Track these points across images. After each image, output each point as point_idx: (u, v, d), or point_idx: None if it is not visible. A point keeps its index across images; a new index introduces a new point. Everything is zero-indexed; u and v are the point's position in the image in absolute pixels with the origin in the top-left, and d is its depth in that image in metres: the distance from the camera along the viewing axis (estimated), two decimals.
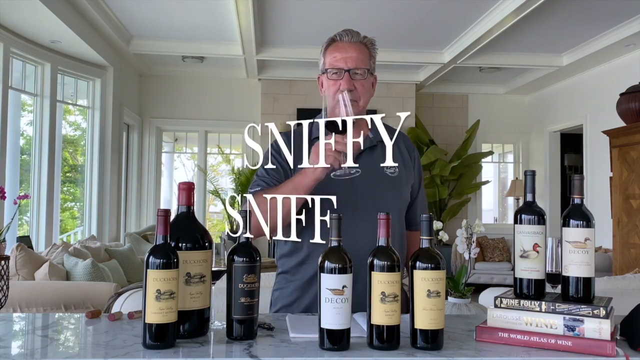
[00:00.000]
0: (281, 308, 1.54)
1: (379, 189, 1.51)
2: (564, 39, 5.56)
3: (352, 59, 1.51)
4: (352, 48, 1.52)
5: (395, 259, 1.08)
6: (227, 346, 1.10)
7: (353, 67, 1.50)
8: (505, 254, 6.86)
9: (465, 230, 2.70)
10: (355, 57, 1.51)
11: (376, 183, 1.52)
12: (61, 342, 1.13)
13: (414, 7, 4.81)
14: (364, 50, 1.54)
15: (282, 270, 1.57)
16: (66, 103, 5.82)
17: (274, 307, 1.57)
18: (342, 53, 1.52)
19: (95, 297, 3.41)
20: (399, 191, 1.56)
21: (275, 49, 6.04)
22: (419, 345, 1.07)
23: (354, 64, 1.50)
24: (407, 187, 1.60)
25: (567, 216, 1.15)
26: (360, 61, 1.51)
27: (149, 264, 1.05)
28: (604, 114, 5.84)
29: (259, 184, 1.50)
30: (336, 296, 1.05)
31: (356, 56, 1.51)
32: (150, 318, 1.04)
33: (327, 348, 1.05)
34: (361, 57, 1.52)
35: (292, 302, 1.52)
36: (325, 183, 1.47)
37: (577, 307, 1.09)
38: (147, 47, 6.01)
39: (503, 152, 8.39)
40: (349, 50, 1.52)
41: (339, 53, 1.52)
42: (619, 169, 4.93)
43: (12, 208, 4.37)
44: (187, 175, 9.49)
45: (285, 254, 1.55)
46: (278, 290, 1.57)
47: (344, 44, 1.53)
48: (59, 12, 4.41)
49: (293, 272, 1.53)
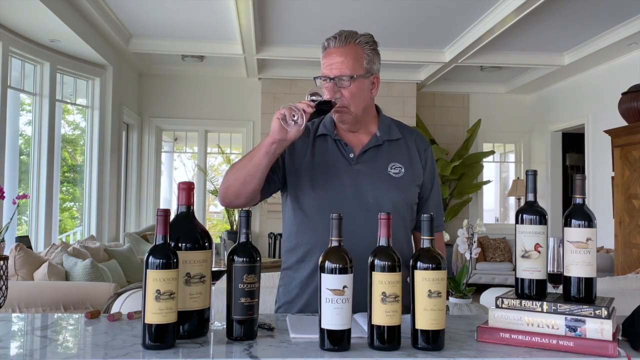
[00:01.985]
0: (283, 304, 1.54)
1: (381, 189, 1.50)
2: (566, 38, 5.55)
3: (336, 65, 1.46)
4: (337, 53, 1.47)
5: (396, 259, 1.08)
6: (227, 347, 1.10)
7: (337, 74, 1.46)
8: (507, 254, 6.86)
9: (467, 230, 2.70)
10: (340, 63, 1.46)
11: (378, 182, 1.51)
12: (60, 342, 1.13)
13: (415, 5, 4.80)
14: (353, 52, 1.47)
15: (285, 266, 1.58)
16: (65, 102, 5.82)
17: (277, 303, 1.58)
18: (328, 59, 1.49)
19: (94, 298, 3.40)
20: (402, 191, 1.52)
21: (276, 48, 6.04)
22: (419, 346, 1.07)
23: (338, 72, 1.46)
24: (413, 188, 1.56)
25: (569, 216, 1.15)
26: (346, 67, 1.45)
27: (148, 264, 1.05)
28: (605, 114, 5.83)
29: None
30: (337, 296, 1.05)
31: (341, 61, 1.46)
32: (149, 318, 1.04)
33: (327, 349, 1.05)
34: (347, 62, 1.46)
35: (292, 299, 1.52)
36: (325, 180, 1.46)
37: (578, 307, 1.09)
38: (147, 46, 6.00)
39: (504, 152, 8.38)
40: (334, 56, 1.47)
41: (327, 59, 1.49)
42: (621, 169, 4.92)
43: (11, 208, 4.36)
44: (187, 174, 9.48)
45: (287, 250, 1.57)
46: (282, 287, 1.58)
47: (331, 49, 1.49)
48: (58, 11, 4.41)
49: (294, 268, 1.53)
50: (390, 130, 1.58)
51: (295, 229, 1.52)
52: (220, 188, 1.49)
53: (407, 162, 1.55)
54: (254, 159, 1.39)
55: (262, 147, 1.37)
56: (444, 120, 7.68)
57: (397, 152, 1.56)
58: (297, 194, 1.51)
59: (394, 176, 1.52)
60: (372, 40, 1.53)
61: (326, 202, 1.46)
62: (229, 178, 1.45)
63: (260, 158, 1.38)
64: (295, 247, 1.53)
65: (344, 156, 1.52)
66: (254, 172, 1.40)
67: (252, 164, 1.40)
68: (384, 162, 1.53)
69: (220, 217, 9.79)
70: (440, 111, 7.72)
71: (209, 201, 8.79)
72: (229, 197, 1.46)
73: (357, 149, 1.54)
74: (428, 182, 1.60)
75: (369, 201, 1.47)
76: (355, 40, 1.49)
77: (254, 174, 1.40)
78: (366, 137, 1.56)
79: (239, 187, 1.43)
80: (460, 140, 7.57)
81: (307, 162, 1.52)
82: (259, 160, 1.38)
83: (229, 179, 1.45)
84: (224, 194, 1.47)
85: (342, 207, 1.41)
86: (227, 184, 1.46)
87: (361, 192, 1.49)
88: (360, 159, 1.52)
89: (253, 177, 1.41)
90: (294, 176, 1.52)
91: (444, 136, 7.64)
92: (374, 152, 1.54)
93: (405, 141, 1.59)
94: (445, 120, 7.68)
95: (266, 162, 1.38)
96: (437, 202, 1.64)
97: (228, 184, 1.46)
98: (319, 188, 1.49)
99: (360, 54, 1.49)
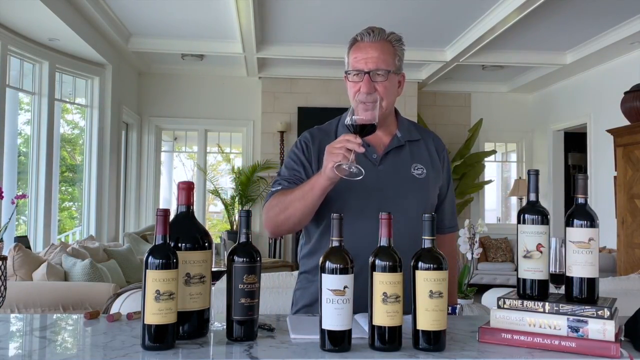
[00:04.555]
0: (302, 307, 1.53)
1: (404, 190, 1.48)
2: (568, 36, 5.54)
3: (373, 59, 1.44)
4: (372, 48, 1.45)
5: (397, 260, 1.07)
6: (227, 347, 1.09)
7: (373, 68, 1.44)
8: (508, 254, 6.85)
9: (468, 230, 2.69)
10: (376, 58, 1.44)
11: (401, 184, 1.49)
12: (59, 343, 1.13)
13: (416, 4, 4.80)
14: (387, 48, 1.47)
15: (304, 270, 1.57)
16: (64, 102, 5.81)
17: (295, 306, 1.57)
18: (362, 54, 1.46)
19: (93, 298, 3.40)
20: (424, 193, 1.51)
21: (276, 47, 6.03)
22: (421, 347, 1.06)
23: (374, 65, 1.44)
24: (435, 189, 1.55)
25: (571, 216, 1.14)
26: (382, 61, 1.44)
27: (148, 264, 1.04)
28: (608, 113, 5.82)
29: (280, 182, 1.50)
30: (337, 297, 1.04)
31: (377, 56, 1.44)
32: (149, 319, 1.03)
33: (328, 349, 1.05)
34: (383, 57, 1.45)
35: (313, 302, 1.51)
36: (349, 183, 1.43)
37: (581, 308, 1.08)
38: (146, 45, 5.99)
39: (506, 151, 8.37)
40: (369, 50, 1.45)
41: (360, 54, 1.47)
42: (624, 168, 4.91)
43: (9, 208, 4.36)
44: (186, 174, 9.48)
45: (305, 255, 1.56)
46: (300, 290, 1.57)
47: (364, 44, 1.47)
48: (57, 10, 4.40)
49: (314, 272, 1.52)
50: (410, 131, 1.57)
51: (318, 234, 1.51)
52: (268, 224, 1.46)
53: (428, 163, 1.54)
54: (309, 198, 1.35)
55: (317, 189, 1.34)
56: (445, 120, 7.67)
57: (419, 153, 1.55)
58: None
59: (417, 177, 1.51)
60: (402, 39, 1.52)
61: (351, 204, 1.44)
62: (277, 218, 1.42)
63: (316, 198, 1.35)
64: (317, 252, 1.50)
65: (367, 157, 1.48)
66: (311, 211, 1.39)
67: (308, 204, 1.36)
68: (408, 163, 1.51)
69: (220, 217, 9.80)
70: (442, 110, 7.71)
71: (209, 201, 8.79)
72: (281, 232, 1.46)
73: (380, 150, 1.52)
74: (445, 183, 1.60)
75: (394, 202, 1.44)
76: (387, 37, 1.49)
77: (311, 212, 1.39)
78: (387, 138, 1.54)
79: (294, 224, 1.42)
80: (461, 140, 7.56)
81: None
82: (314, 200, 1.36)
83: (278, 217, 1.42)
84: (276, 231, 1.45)
85: (366, 209, 1.41)
86: (276, 223, 1.43)
87: (386, 193, 1.47)
88: (384, 159, 1.51)
89: (309, 215, 1.40)
90: None
91: (445, 135, 7.61)
92: (396, 152, 1.52)
93: (424, 142, 1.58)
94: (446, 120, 7.67)
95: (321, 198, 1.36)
96: (452, 203, 1.64)
97: (277, 223, 1.43)
98: (343, 190, 1.44)
99: (393, 51, 1.48)
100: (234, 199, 7.00)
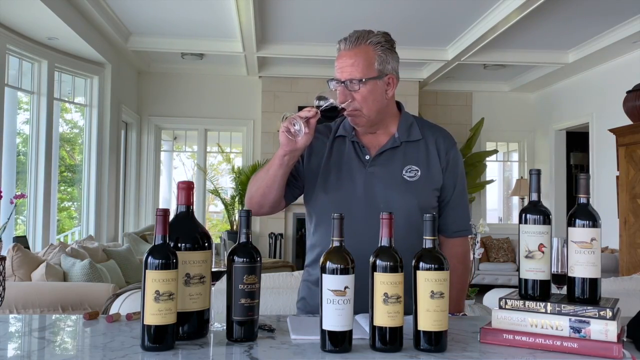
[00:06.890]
0: (302, 299, 1.61)
1: (390, 192, 1.47)
2: (570, 35, 5.53)
3: (347, 69, 1.43)
4: (347, 56, 1.44)
5: (398, 260, 1.07)
6: (227, 348, 1.09)
7: (348, 78, 1.43)
8: (510, 255, 6.84)
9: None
10: (350, 66, 1.43)
11: (388, 186, 1.48)
12: (58, 344, 1.12)
13: (418, 3, 4.79)
14: (364, 55, 1.43)
15: (306, 263, 1.63)
16: (63, 101, 5.79)
17: (299, 295, 1.63)
18: (340, 62, 1.46)
19: (93, 298, 3.39)
20: (415, 196, 1.47)
21: (276, 46, 6.02)
22: (422, 347, 1.06)
23: (348, 75, 1.43)
24: (429, 192, 1.50)
25: (573, 216, 1.14)
26: (356, 70, 1.42)
27: (147, 264, 1.04)
28: (610, 112, 5.81)
29: None
30: (338, 297, 1.04)
31: (350, 64, 1.43)
32: (148, 319, 1.03)
33: (328, 350, 1.04)
34: (357, 65, 1.42)
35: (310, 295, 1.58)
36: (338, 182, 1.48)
37: (583, 308, 1.08)
38: (146, 44, 5.98)
39: (508, 151, 8.36)
40: (345, 59, 1.44)
41: (338, 62, 1.47)
42: (626, 168, 4.90)
43: (8, 208, 4.35)
44: (186, 174, 9.48)
45: (308, 248, 1.63)
46: (303, 282, 1.63)
47: (341, 52, 1.47)
48: (56, 9, 4.39)
49: (313, 266, 1.58)
50: (410, 131, 1.54)
51: (312, 229, 1.57)
52: (245, 199, 1.57)
53: (424, 165, 1.50)
54: (270, 171, 1.45)
55: (276, 160, 1.42)
56: (446, 119, 7.65)
57: (415, 154, 1.51)
58: (312, 195, 1.53)
59: (408, 180, 1.48)
60: (385, 40, 1.48)
61: (337, 203, 1.45)
62: (251, 189, 1.52)
63: (275, 170, 1.43)
64: (312, 247, 1.57)
65: (359, 158, 1.50)
66: (271, 184, 1.46)
67: (269, 176, 1.45)
68: (399, 165, 1.49)
69: (220, 217, 9.79)
70: (443, 110, 7.70)
71: (209, 201, 8.78)
72: (253, 207, 1.52)
73: (373, 151, 1.51)
74: (449, 185, 1.53)
75: (379, 205, 1.43)
76: (366, 41, 1.45)
77: (272, 185, 1.46)
78: (385, 138, 1.53)
79: (260, 198, 1.50)
80: (463, 139, 7.55)
81: (323, 163, 1.52)
82: (274, 172, 1.44)
83: (250, 191, 1.52)
84: (249, 204, 1.53)
85: (353, 209, 1.43)
86: (249, 195, 1.53)
87: (372, 195, 1.47)
88: (375, 161, 1.50)
89: (271, 188, 1.46)
90: (310, 177, 1.53)
91: None
92: (390, 154, 1.51)
93: (425, 142, 1.54)
94: (447, 119, 7.65)
95: (282, 172, 1.43)
96: (461, 206, 1.57)
97: (250, 195, 1.52)
98: (331, 189, 1.49)
99: (371, 56, 1.44)
100: (234, 198, 7.00)
